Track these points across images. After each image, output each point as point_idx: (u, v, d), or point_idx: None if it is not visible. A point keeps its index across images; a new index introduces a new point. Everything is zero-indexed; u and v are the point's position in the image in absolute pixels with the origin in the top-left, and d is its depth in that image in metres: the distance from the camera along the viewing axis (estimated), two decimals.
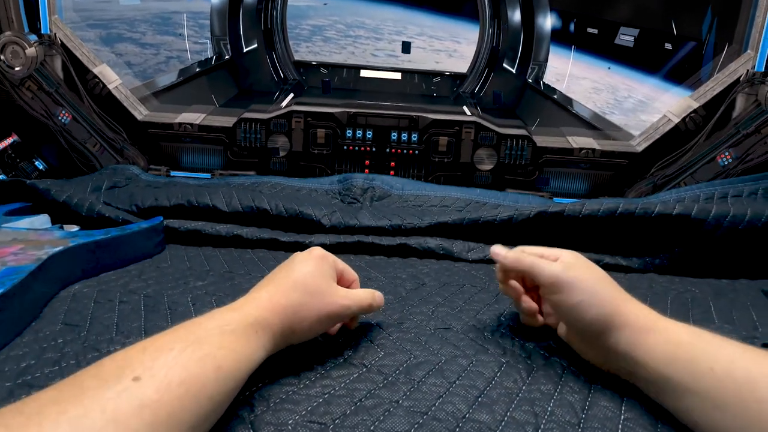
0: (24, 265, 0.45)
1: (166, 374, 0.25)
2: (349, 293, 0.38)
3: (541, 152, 0.96)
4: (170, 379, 0.25)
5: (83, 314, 0.44)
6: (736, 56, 0.92)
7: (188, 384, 0.25)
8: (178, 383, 0.25)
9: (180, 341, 0.28)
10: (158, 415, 0.24)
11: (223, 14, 1.97)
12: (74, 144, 0.87)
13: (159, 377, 0.25)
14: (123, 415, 0.23)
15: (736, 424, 0.27)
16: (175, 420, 0.24)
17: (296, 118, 0.92)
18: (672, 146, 0.92)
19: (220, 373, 0.27)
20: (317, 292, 0.36)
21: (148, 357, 0.26)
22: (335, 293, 0.37)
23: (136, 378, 0.24)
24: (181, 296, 0.49)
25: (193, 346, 0.27)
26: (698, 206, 0.61)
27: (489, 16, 2.00)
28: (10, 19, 0.78)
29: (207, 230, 0.67)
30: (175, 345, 0.27)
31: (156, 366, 0.25)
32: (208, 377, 0.27)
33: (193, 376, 0.26)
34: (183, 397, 0.25)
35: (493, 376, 0.36)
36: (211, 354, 0.28)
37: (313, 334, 0.36)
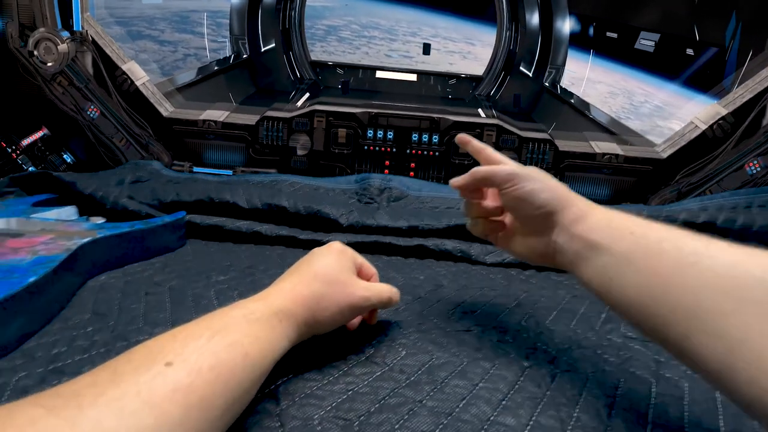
0: (55, 254, 0.46)
1: (197, 360, 0.26)
2: (370, 285, 0.39)
3: (563, 156, 0.95)
4: (201, 364, 0.26)
5: (111, 304, 0.45)
6: (767, 63, 0.90)
7: (218, 369, 0.26)
8: (208, 368, 0.26)
9: (208, 329, 0.28)
10: (190, 399, 0.24)
11: (242, 14, 2.00)
12: (101, 138, 0.90)
13: (190, 362, 0.26)
14: (157, 397, 0.23)
15: (641, 278, 0.29)
16: (207, 403, 0.25)
17: (318, 118, 0.93)
18: (698, 153, 0.90)
19: (247, 359, 0.28)
20: (338, 282, 0.36)
21: (179, 344, 0.27)
22: (355, 284, 0.37)
23: (168, 363, 0.25)
24: (205, 290, 0.49)
25: (221, 333, 0.28)
26: (724, 215, 0.60)
27: (507, 18, 2.00)
28: (44, 16, 0.81)
29: (228, 226, 0.68)
30: (203, 332, 0.28)
31: (186, 352, 0.26)
32: (236, 363, 0.27)
33: (223, 362, 0.27)
34: (214, 382, 0.26)
35: (516, 380, 0.36)
36: (238, 341, 0.28)
37: (335, 324, 0.37)
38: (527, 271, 0.63)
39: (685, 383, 0.37)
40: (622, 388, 0.36)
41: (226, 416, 0.26)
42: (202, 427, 0.25)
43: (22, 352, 0.37)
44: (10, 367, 0.35)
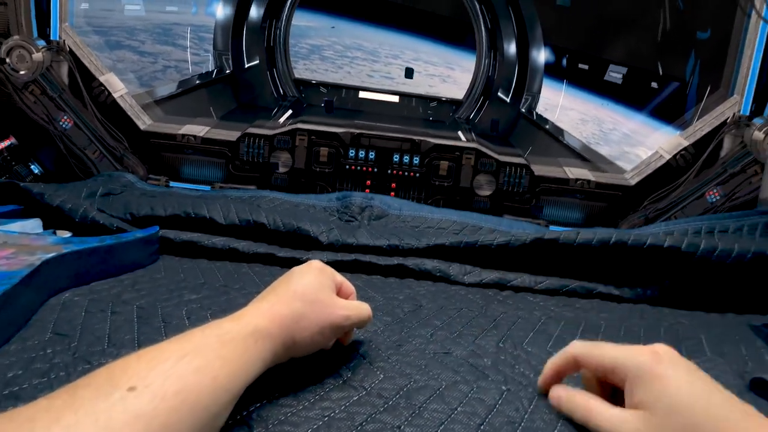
0: (16, 270, 0.43)
1: (162, 384, 0.25)
2: (349, 304, 0.38)
3: (539, 181, 0.98)
4: (166, 389, 0.25)
5: (73, 324, 0.43)
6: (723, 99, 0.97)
7: (184, 395, 0.25)
8: (173, 393, 0.25)
9: (177, 351, 0.27)
10: (151, 426, 0.23)
11: (227, 30, 2.01)
12: (73, 150, 0.87)
13: (154, 387, 0.24)
14: (116, 424, 0.22)
15: None
16: (171, 430, 0.24)
17: (300, 136, 0.94)
18: (663, 181, 0.95)
19: (216, 383, 0.27)
20: (318, 301, 0.36)
21: (143, 366, 0.26)
22: (336, 303, 0.37)
23: (131, 388, 0.24)
24: (176, 309, 0.48)
25: (190, 356, 0.27)
26: (687, 240, 0.63)
27: (486, 47, 2.08)
28: (20, 24, 0.79)
29: (203, 242, 0.66)
30: (171, 355, 0.27)
31: (151, 376, 0.25)
32: (204, 388, 0.26)
33: (189, 387, 0.26)
34: (179, 408, 0.25)
35: (495, 404, 0.36)
36: (207, 364, 0.27)
37: (314, 346, 0.36)
38: (504, 292, 0.64)
39: None
40: None
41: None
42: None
43: None
44: None
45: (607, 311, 0.60)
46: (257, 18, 2.06)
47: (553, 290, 0.64)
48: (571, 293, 0.64)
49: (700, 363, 0.46)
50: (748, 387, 0.42)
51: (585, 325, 0.54)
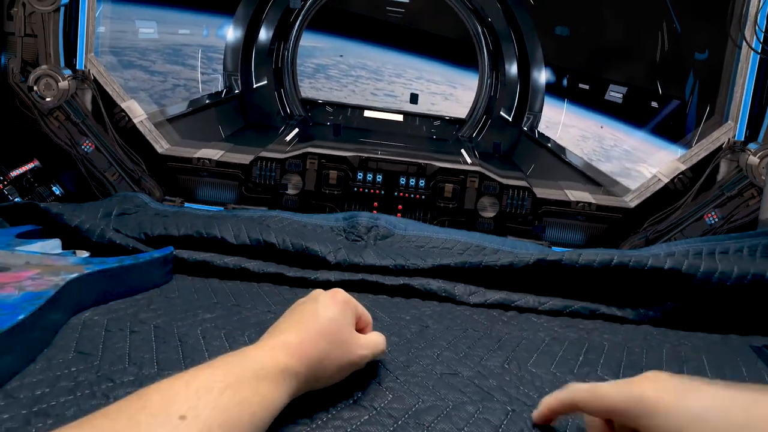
0: (42, 290, 0.45)
1: (209, 416, 0.27)
2: (368, 342, 0.40)
3: (541, 203, 1.01)
4: (212, 421, 0.27)
5: (95, 343, 0.44)
6: (718, 125, 0.99)
7: (227, 426, 0.27)
8: (218, 425, 0.27)
9: (220, 382, 0.29)
10: None
11: (236, 52, 2.07)
12: (94, 172, 0.91)
13: (202, 418, 0.26)
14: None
15: None
16: None
17: (311, 159, 0.98)
18: (663, 204, 0.98)
19: (254, 418, 0.29)
20: (342, 342, 0.37)
21: (192, 394, 0.28)
22: (356, 342, 0.39)
23: (182, 417, 0.26)
24: (191, 329, 0.49)
25: (232, 389, 0.29)
26: (688, 261, 0.65)
27: (488, 68, 2.14)
28: (48, 54, 0.83)
29: (215, 262, 0.68)
30: (215, 385, 0.29)
31: (200, 406, 0.27)
32: (244, 422, 0.28)
33: (232, 420, 0.28)
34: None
35: (500, 424, 0.37)
36: (247, 399, 0.29)
37: (332, 382, 0.37)
38: (509, 312, 0.65)
39: None
40: None
41: None
42: None
43: (4, 392, 0.36)
44: None
45: (610, 332, 0.61)
46: (266, 40, 2.14)
47: (556, 311, 0.65)
48: (575, 314, 0.65)
49: None
50: None
51: (588, 346, 0.55)
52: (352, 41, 2.46)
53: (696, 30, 1.64)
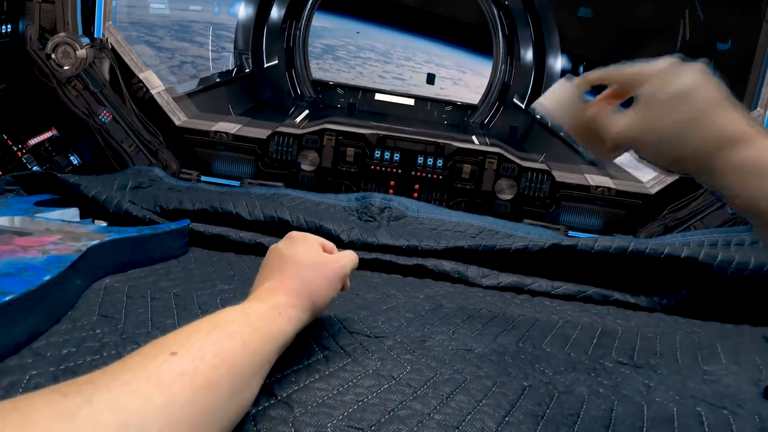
0: (66, 254, 0.46)
1: (200, 348, 0.28)
2: (340, 255, 0.43)
3: (559, 187, 1.00)
4: (204, 351, 0.28)
5: (118, 307, 0.45)
6: (747, 112, 0.97)
7: (221, 356, 0.28)
8: (212, 355, 0.28)
9: (207, 323, 0.31)
10: (197, 381, 0.26)
11: (248, 30, 2.05)
12: (111, 143, 0.90)
13: (193, 350, 0.27)
14: (166, 380, 0.25)
15: None
16: (213, 385, 0.27)
17: (328, 136, 0.97)
18: (684, 191, 0.96)
19: (247, 347, 0.30)
20: (317, 263, 0.40)
21: (181, 337, 0.29)
22: (330, 258, 0.42)
23: (173, 353, 0.27)
24: (210, 298, 0.50)
25: (221, 326, 0.30)
26: (705, 251, 0.64)
27: (503, 53, 2.10)
28: (66, 22, 0.82)
29: (231, 236, 0.69)
30: (203, 326, 0.30)
31: (189, 343, 0.28)
32: (237, 350, 0.29)
33: (225, 349, 0.29)
34: (218, 366, 0.27)
35: (518, 399, 0.37)
36: (237, 331, 0.30)
37: (331, 299, 0.40)
38: (522, 296, 0.65)
39: (674, 407, 0.39)
40: (617, 411, 0.38)
41: (232, 400, 0.28)
42: (210, 407, 0.26)
43: (31, 350, 0.37)
44: (21, 364, 0.35)
45: (623, 318, 0.61)
46: (278, 19, 2.10)
47: (569, 295, 0.65)
48: (588, 299, 0.65)
49: (716, 371, 0.47)
50: (762, 394, 0.43)
51: (602, 330, 0.55)
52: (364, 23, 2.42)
53: (721, 18, 1.60)
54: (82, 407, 0.22)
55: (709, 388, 0.43)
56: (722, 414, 0.39)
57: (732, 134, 0.30)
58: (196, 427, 0.25)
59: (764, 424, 0.38)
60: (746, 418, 0.39)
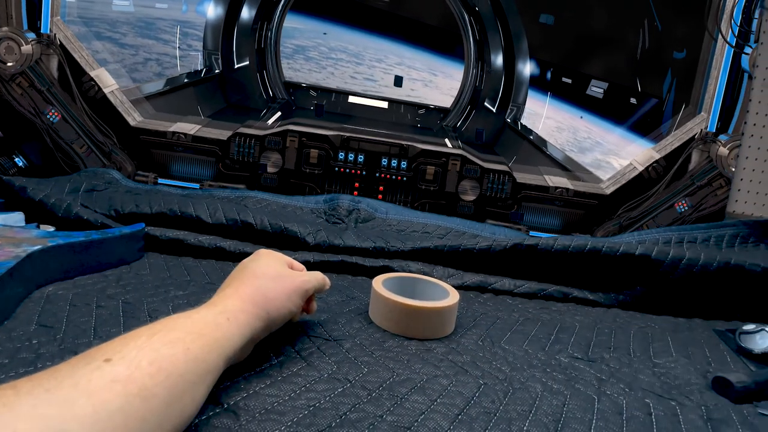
0: (2, 261, 0.43)
1: (136, 355, 0.26)
2: (305, 273, 0.43)
3: (520, 188, 1.02)
4: (140, 358, 0.26)
5: (59, 316, 0.43)
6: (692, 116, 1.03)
7: (158, 363, 0.26)
8: (148, 362, 0.26)
9: (147, 330, 0.29)
10: (129, 389, 0.24)
11: (217, 30, 2.00)
12: (60, 144, 0.86)
13: (129, 357, 0.26)
14: (95, 387, 0.24)
15: None
16: (147, 393, 0.25)
17: (291, 137, 0.95)
18: (637, 191, 1.01)
19: (189, 354, 0.28)
20: (278, 276, 0.39)
21: (117, 344, 0.27)
22: (294, 274, 0.41)
23: (107, 360, 0.25)
24: (162, 304, 0.48)
25: (162, 333, 0.29)
26: (658, 248, 0.67)
27: (474, 58, 2.14)
28: (9, 16, 0.78)
29: (189, 240, 0.66)
30: (142, 333, 0.28)
31: (125, 350, 0.26)
32: (177, 357, 0.28)
33: (163, 357, 0.27)
34: (154, 375, 0.26)
35: (472, 396, 0.37)
36: (179, 338, 0.29)
37: (287, 313, 0.39)
38: (485, 294, 0.66)
39: (623, 399, 0.40)
40: (569, 405, 0.38)
41: (170, 409, 0.26)
42: (144, 416, 0.25)
43: None
44: None
45: (581, 314, 0.62)
46: (248, 19, 2.07)
47: (531, 293, 0.66)
48: (549, 297, 0.66)
49: (667, 363, 0.49)
50: (709, 385, 0.45)
51: (560, 326, 0.56)
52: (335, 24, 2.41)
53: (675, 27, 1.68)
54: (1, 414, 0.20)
55: (658, 380, 0.45)
56: (670, 405, 0.41)
57: None
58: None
59: (710, 414, 0.40)
60: (693, 408, 0.41)
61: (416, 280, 0.55)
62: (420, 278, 0.55)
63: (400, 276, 0.55)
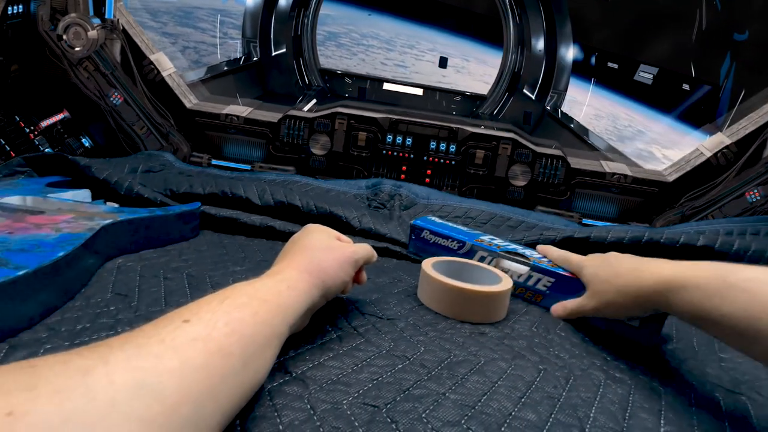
0: (78, 232, 0.46)
1: (211, 317, 0.28)
2: (353, 244, 0.44)
3: (574, 173, 0.98)
4: (216, 319, 0.28)
5: (131, 286, 0.45)
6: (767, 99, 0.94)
7: (232, 325, 0.28)
8: (223, 323, 0.28)
9: (216, 296, 0.31)
10: (210, 347, 0.26)
11: (255, 18, 2.03)
12: (122, 125, 0.90)
13: (205, 319, 0.27)
14: (179, 344, 0.25)
15: None
16: (225, 352, 0.27)
17: (340, 120, 0.95)
18: (702, 179, 0.94)
19: (257, 317, 0.30)
20: (329, 247, 0.41)
21: (192, 307, 0.29)
22: (343, 246, 0.43)
23: (185, 320, 0.27)
24: (222, 278, 0.50)
25: (231, 298, 0.30)
26: (721, 239, 0.63)
27: (513, 42, 2.06)
28: (77, 2, 0.82)
29: (242, 219, 0.68)
30: (213, 299, 0.30)
31: (201, 312, 0.28)
32: (247, 320, 0.29)
33: (235, 319, 0.29)
34: (230, 334, 0.27)
35: (533, 381, 0.37)
36: (247, 303, 0.30)
37: (342, 282, 0.40)
38: None
39: (691, 392, 0.39)
40: (634, 395, 0.37)
41: (246, 368, 0.28)
42: (224, 372, 0.26)
43: (45, 325, 0.37)
44: (35, 338, 0.35)
45: None
46: (286, 7, 2.08)
47: None
48: None
49: (733, 358, 0.46)
50: None
51: None
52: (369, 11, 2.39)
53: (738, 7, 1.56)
54: (97, 366, 0.22)
55: (726, 375, 0.43)
56: (740, 399, 0.39)
57: (668, 278, 0.40)
58: (210, 391, 0.25)
59: None
60: (764, 404, 0.39)
61: (466, 265, 0.54)
62: (470, 263, 0.54)
63: (450, 260, 0.54)
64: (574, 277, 0.51)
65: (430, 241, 0.64)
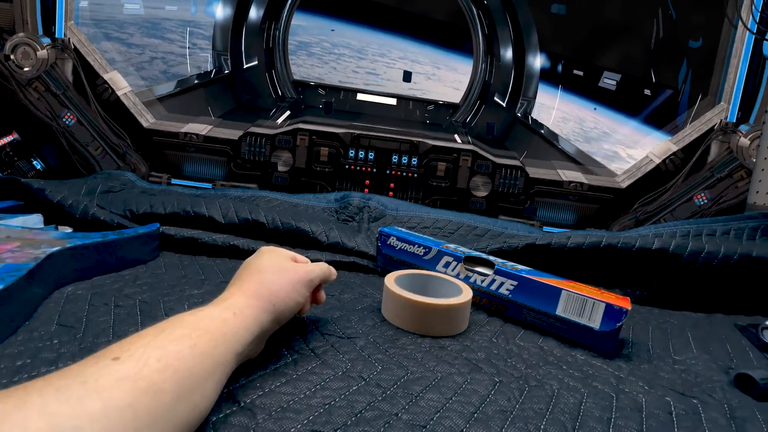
0: (22, 263, 0.44)
1: (144, 353, 0.27)
2: (309, 264, 0.43)
3: (533, 183, 1.00)
4: (148, 356, 0.26)
5: (78, 316, 0.43)
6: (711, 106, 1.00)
7: (166, 359, 0.27)
8: (156, 359, 0.26)
9: (154, 329, 0.29)
10: (138, 385, 0.25)
11: (226, 30, 2.01)
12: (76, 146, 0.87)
13: (137, 355, 0.26)
14: (104, 385, 0.24)
15: None
16: (157, 389, 0.25)
17: (301, 136, 0.95)
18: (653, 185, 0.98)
19: (196, 349, 0.29)
20: (281, 269, 0.40)
21: (125, 343, 0.28)
22: (298, 266, 0.41)
23: (115, 358, 0.26)
24: (177, 303, 0.49)
25: (167, 331, 0.29)
26: (675, 242, 0.65)
27: (483, 52, 2.11)
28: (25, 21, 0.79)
29: (204, 239, 0.67)
30: (149, 332, 0.29)
31: (133, 348, 0.27)
32: (184, 353, 0.28)
33: (170, 353, 0.27)
34: (162, 370, 0.26)
35: (488, 395, 0.37)
36: (186, 335, 0.29)
37: (295, 305, 0.39)
38: None
39: (643, 398, 0.40)
40: (586, 403, 0.38)
41: (180, 404, 0.26)
42: (154, 411, 0.25)
43: None
44: None
45: None
46: (257, 19, 2.08)
47: None
48: None
49: (688, 359, 0.48)
50: (732, 382, 0.44)
51: None
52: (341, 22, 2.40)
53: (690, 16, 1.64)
54: (11, 413, 0.21)
55: (679, 378, 0.44)
56: (692, 403, 0.40)
57: None
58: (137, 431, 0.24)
59: (733, 413, 0.39)
60: (715, 406, 0.40)
61: (428, 277, 0.55)
62: (432, 275, 0.55)
63: (412, 273, 0.54)
64: (537, 281, 0.52)
65: (397, 248, 0.64)
